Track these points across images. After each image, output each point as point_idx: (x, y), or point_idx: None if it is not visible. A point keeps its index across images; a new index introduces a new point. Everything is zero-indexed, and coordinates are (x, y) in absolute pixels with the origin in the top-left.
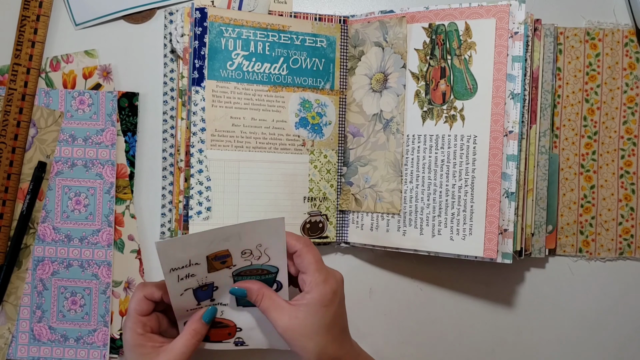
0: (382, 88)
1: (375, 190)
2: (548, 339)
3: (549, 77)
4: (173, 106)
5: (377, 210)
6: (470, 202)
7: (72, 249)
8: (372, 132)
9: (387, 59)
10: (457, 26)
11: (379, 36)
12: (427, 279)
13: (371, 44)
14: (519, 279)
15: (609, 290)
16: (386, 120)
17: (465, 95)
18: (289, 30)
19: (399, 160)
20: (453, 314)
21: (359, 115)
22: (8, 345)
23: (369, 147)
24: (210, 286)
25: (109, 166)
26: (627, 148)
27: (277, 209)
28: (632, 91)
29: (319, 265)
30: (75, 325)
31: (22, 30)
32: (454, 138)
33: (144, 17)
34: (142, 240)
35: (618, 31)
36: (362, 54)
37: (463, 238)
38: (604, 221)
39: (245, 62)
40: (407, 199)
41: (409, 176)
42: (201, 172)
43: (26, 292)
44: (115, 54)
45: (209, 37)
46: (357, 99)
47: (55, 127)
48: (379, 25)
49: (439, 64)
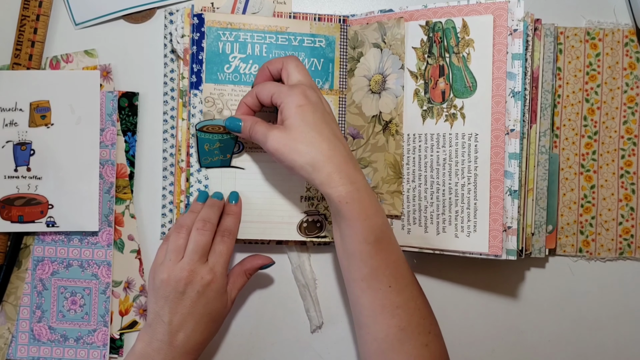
0: (381, 89)
1: (377, 192)
2: (548, 339)
3: (549, 77)
4: (173, 106)
5: None
6: (474, 200)
7: (71, 248)
8: (371, 133)
9: (386, 60)
10: (454, 23)
11: (377, 37)
12: (426, 279)
13: (370, 45)
14: (519, 278)
15: (609, 290)
16: (385, 122)
17: (465, 93)
18: (287, 31)
19: (399, 162)
20: (453, 314)
21: (359, 116)
22: (8, 345)
23: (368, 148)
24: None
25: (109, 166)
26: (628, 148)
27: (274, 208)
28: (632, 91)
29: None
30: (75, 325)
31: (21, 29)
32: (455, 136)
33: (143, 17)
34: (142, 240)
35: (618, 31)
36: (361, 56)
37: (468, 235)
38: (604, 221)
39: (242, 65)
40: (411, 198)
41: (411, 175)
42: (200, 172)
43: (26, 292)
44: (115, 54)
45: (207, 42)
46: (357, 101)
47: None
48: (377, 27)
49: (437, 62)
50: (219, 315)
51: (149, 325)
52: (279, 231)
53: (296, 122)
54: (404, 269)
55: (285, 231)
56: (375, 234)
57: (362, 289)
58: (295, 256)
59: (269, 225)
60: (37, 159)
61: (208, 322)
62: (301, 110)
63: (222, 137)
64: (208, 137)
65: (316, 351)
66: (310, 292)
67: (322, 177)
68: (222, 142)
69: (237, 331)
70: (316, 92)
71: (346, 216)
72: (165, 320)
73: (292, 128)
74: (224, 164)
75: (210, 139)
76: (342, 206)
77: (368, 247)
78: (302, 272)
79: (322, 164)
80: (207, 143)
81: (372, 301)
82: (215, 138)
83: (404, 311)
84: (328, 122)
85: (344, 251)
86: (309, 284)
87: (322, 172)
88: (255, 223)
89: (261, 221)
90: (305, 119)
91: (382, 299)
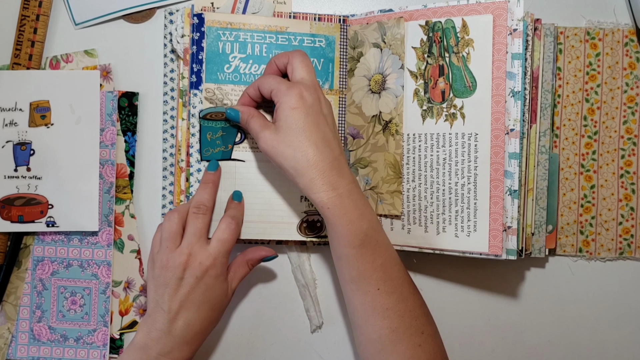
0: (381, 89)
1: (377, 192)
2: (548, 339)
3: (549, 77)
4: (173, 106)
5: (378, 212)
6: (474, 200)
7: (71, 248)
8: (371, 133)
9: (386, 60)
10: (453, 23)
11: (377, 37)
12: (426, 279)
13: (370, 45)
14: (519, 278)
15: (609, 290)
16: (385, 122)
17: (465, 93)
18: (286, 31)
19: (399, 162)
20: (453, 314)
21: (358, 116)
22: (8, 345)
23: (368, 148)
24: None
25: (109, 166)
26: (627, 148)
27: (274, 208)
28: (632, 91)
29: (282, 80)
30: (75, 325)
31: (21, 29)
32: (454, 136)
33: (143, 17)
34: (141, 240)
35: (618, 31)
36: (361, 55)
37: (468, 235)
38: (604, 221)
39: (242, 65)
40: (411, 198)
41: (411, 175)
42: (200, 172)
43: (26, 292)
44: (115, 54)
45: (207, 42)
46: (357, 101)
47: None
48: (377, 27)
49: (437, 61)
50: (219, 303)
51: (149, 315)
52: (279, 231)
53: (286, 124)
54: (393, 271)
55: (285, 231)
56: (359, 238)
57: (352, 291)
58: (295, 256)
59: (269, 225)
60: (37, 159)
61: (207, 310)
62: (293, 112)
63: (225, 125)
64: (211, 125)
65: (316, 351)
66: (310, 292)
67: (305, 182)
68: (225, 130)
69: (237, 331)
70: (316, 91)
71: (329, 221)
72: (165, 309)
73: (281, 130)
74: (225, 156)
75: (214, 126)
76: (325, 211)
77: (353, 250)
78: (302, 272)
79: (305, 170)
80: (210, 132)
81: (363, 303)
82: (218, 126)
83: (395, 313)
84: (319, 126)
85: (334, 254)
86: (309, 284)
87: (305, 177)
88: (255, 223)
89: (261, 221)
90: (295, 122)
91: (372, 302)
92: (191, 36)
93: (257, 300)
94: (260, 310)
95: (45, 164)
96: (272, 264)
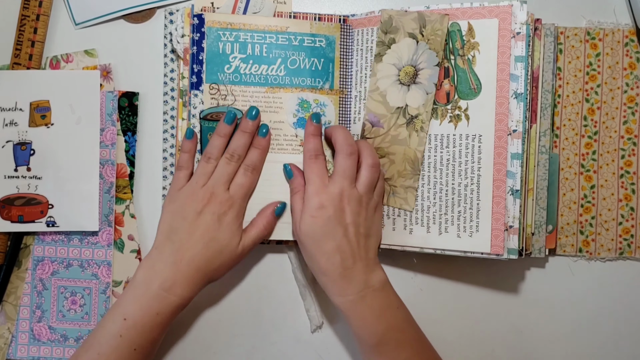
0: (411, 82)
1: (390, 184)
2: (548, 339)
3: (549, 77)
4: (173, 106)
5: (389, 204)
6: (477, 200)
7: (71, 248)
8: (393, 124)
9: (421, 54)
10: (459, 26)
11: (415, 28)
12: (427, 279)
13: (405, 34)
14: (519, 278)
15: (609, 290)
16: (411, 116)
17: (470, 95)
18: (287, 31)
19: (419, 159)
20: (453, 314)
21: (381, 105)
22: (8, 345)
23: (388, 139)
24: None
25: (109, 166)
26: (627, 148)
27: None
28: (632, 91)
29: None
30: (75, 325)
31: (21, 29)
32: (459, 137)
33: (143, 17)
34: (142, 240)
35: (618, 31)
36: (393, 42)
37: (470, 235)
38: (604, 221)
39: (243, 65)
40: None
41: None
42: None
43: (26, 292)
44: (115, 54)
45: (207, 42)
46: (381, 88)
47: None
48: (417, 17)
49: (443, 63)
50: (227, 250)
51: (155, 248)
52: (279, 231)
53: (304, 230)
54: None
55: (285, 231)
56: (375, 338)
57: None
58: (295, 256)
59: None
60: (37, 158)
61: (215, 251)
62: (312, 221)
63: None
64: (212, 125)
65: (316, 351)
66: (310, 292)
67: (321, 283)
68: None
69: (237, 331)
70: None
71: (346, 319)
72: (175, 239)
73: (302, 234)
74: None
75: (214, 127)
76: (340, 311)
77: (368, 348)
78: (302, 272)
79: (318, 275)
80: (210, 132)
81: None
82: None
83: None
84: (335, 236)
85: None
86: (309, 284)
87: (320, 280)
88: None
89: None
90: (313, 231)
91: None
92: (191, 37)
93: (257, 300)
94: (260, 310)
95: (46, 163)
96: (272, 264)
